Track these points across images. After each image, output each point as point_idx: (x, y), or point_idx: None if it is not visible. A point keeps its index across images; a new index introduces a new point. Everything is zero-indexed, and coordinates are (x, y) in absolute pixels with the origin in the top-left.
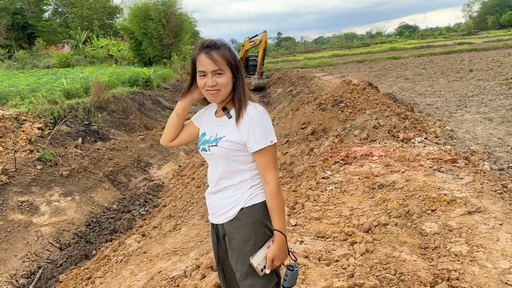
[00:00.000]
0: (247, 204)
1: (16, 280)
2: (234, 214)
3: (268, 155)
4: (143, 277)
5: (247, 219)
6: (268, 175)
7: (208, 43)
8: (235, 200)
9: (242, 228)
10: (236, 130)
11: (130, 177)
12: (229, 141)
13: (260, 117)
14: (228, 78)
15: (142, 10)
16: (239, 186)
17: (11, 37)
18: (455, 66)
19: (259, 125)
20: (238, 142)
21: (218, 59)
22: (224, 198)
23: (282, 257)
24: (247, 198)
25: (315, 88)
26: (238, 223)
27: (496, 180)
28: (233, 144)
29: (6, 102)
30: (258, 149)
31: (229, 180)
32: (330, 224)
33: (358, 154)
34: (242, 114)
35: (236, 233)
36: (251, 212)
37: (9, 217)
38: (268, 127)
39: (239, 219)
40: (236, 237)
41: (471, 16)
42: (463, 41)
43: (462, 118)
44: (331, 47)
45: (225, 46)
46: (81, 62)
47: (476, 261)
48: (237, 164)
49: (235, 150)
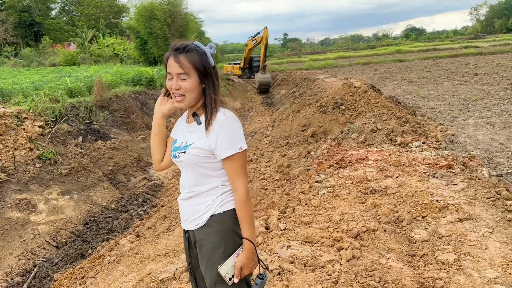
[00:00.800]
0: (218, 211)
1: (11, 278)
2: (205, 221)
3: (237, 162)
4: (132, 278)
5: (217, 226)
6: (237, 182)
7: (178, 46)
8: (205, 207)
9: (212, 235)
10: (205, 137)
11: (129, 177)
12: (197, 148)
13: (228, 124)
14: (193, 83)
15: (147, 9)
16: (210, 193)
17: (18, 34)
18: (460, 70)
19: (227, 132)
20: (207, 149)
21: (184, 63)
22: (195, 204)
23: (251, 266)
24: (218, 205)
25: (317, 90)
26: (208, 230)
27: (490, 187)
28: (201, 151)
29: (9, 100)
30: (227, 156)
31: (199, 187)
32: (319, 229)
33: (353, 158)
34: (211, 121)
35: (206, 240)
36: (222, 219)
37: (7, 215)
38: (237, 133)
39: (209, 226)
40: (206, 244)
41: (478, 19)
42: (470, 44)
43: (464, 123)
44: (337, 49)
45: (197, 51)
46: (87, 60)
47: (463, 270)
48: (207, 170)
49: (204, 157)
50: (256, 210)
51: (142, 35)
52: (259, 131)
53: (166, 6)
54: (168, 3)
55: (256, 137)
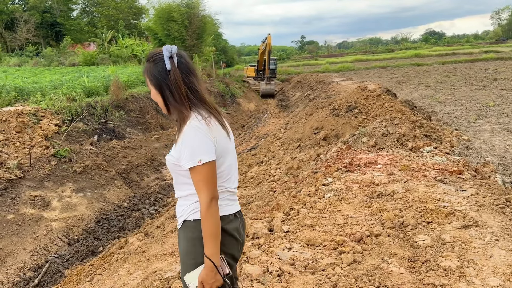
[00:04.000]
0: (189, 218)
1: (24, 273)
2: (180, 224)
3: (198, 175)
4: (138, 276)
5: (188, 232)
6: (199, 195)
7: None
8: (181, 210)
9: (184, 240)
10: (177, 144)
11: (142, 176)
12: (171, 156)
13: (189, 134)
14: (153, 92)
15: (165, 11)
16: (187, 198)
17: (40, 34)
18: (479, 75)
19: (188, 143)
20: (177, 157)
21: (144, 75)
22: (178, 206)
23: (211, 283)
24: (190, 212)
25: (331, 93)
26: (182, 233)
27: (500, 194)
28: (174, 159)
29: (27, 98)
30: (187, 168)
31: (178, 191)
32: (322, 232)
33: (362, 162)
34: (180, 128)
35: (181, 242)
36: (193, 226)
37: (21, 211)
38: (197, 145)
39: (183, 230)
40: (180, 246)
41: (499, 23)
42: (490, 49)
43: (480, 128)
44: (354, 52)
45: (150, 60)
46: (106, 61)
47: (465, 277)
48: (183, 177)
49: (176, 165)
50: (261, 212)
51: (160, 36)
52: (271, 133)
53: (184, 8)
54: (186, 5)
55: (268, 139)
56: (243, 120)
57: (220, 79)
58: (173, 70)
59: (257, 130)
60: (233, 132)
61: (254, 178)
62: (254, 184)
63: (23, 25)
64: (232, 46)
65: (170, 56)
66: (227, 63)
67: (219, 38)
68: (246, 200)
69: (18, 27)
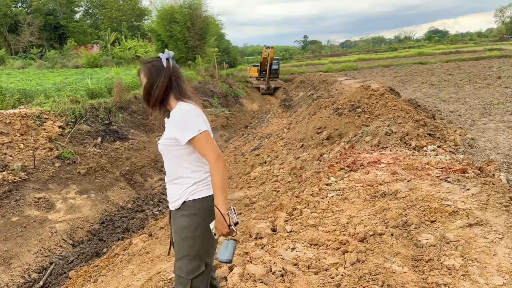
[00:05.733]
0: (189, 198)
1: (29, 274)
2: (179, 205)
3: (201, 141)
4: (142, 277)
5: (188, 210)
6: (207, 156)
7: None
8: (179, 193)
9: (183, 217)
10: (168, 127)
11: (146, 177)
12: (164, 138)
13: (182, 114)
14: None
15: (168, 13)
16: (182, 182)
17: (43, 37)
18: (483, 73)
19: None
20: (171, 137)
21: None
22: (172, 189)
23: (220, 228)
24: (189, 193)
25: (334, 92)
26: (181, 212)
27: (504, 192)
28: (168, 141)
29: (31, 101)
30: (188, 140)
31: (173, 174)
32: (325, 231)
33: (365, 161)
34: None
35: (178, 220)
36: (193, 205)
37: (25, 213)
38: (192, 119)
39: (182, 209)
40: (178, 224)
41: (503, 21)
42: (494, 47)
43: (484, 127)
44: (357, 51)
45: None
46: (109, 62)
47: (469, 276)
48: (176, 158)
49: (171, 145)
50: (264, 212)
51: (162, 37)
52: (274, 133)
53: (186, 9)
54: (188, 6)
55: (271, 139)
56: (246, 120)
57: (223, 79)
58: (167, 67)
59: (260, 130)
60: (236, 133)
61: (257, 178)
62: (258, 184)
63: (27, 27)
64: (235, 47)
65: (167, 58)
66: (230, 64)
67: (222, 39)
68: (249, 200)
69: (21, 30)
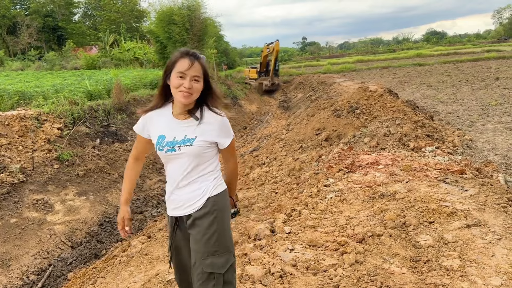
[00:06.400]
0: (213, 194)
1: (27, 276)
2: (202, 204)
3: (233, 144)
4: (140, 279)
5: (212, 206)
6: (233, 158)
7: (193, 52)
8: (201, 192)
9: (208, 215)
10: (209, 131)
11: (145, 179)
12: (203, 140)
13: (225, 120)
14: (201, 86)
15: (166, 14)
16: (203, 179)
17: (42, 39)
18: (481, 74)
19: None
20: (211, 141)
21: (198, 68)
22: (192, 191)
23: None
24: (212, 188)
25: (333, 93)
26: (204, 210)
27: (502, 193)
28: (206, 143)
29: (30, 102)
30: (227, 145)
31: (195, 174)
32: (324, 233)
33: (364, 162)
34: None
35: (201, 219)
36: (215, 200)
37: (24, 215)
38: (229, 125)
39: (205, 207)
40: (202, 223)
41: (501, 23)
42: (492, 48)
43: (483, 128)
44: (356, 53)
45: (204, 60)
46: (108, 64)
47: (467, 277)
48: (204, 159)
49: (206, 147)
50: (263, 213)
51: (161, 39)
52: (273, 135)
53: (185, 11)
54: (187, 8)
55: (270, 141)
56: (245, 121)
57: (222, 81)
58: None
59: (259, 131)
60: (235, 134)
61: (256, 180)
62: (256, 186)
63: (25, 29)
64: (234, 48)
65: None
66: (228, 65)
67: (221, 40)
68: (248, 202)
69: (20, 32)
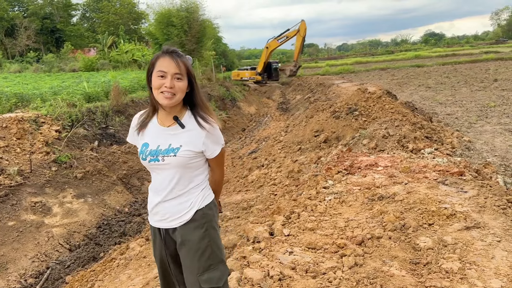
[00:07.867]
0: (201, 206)
1: (25, 279)
2: (190, 217)
3: (223, 154)
4: (139, 281)
5: (200, 219)
6: (221, 168)
7: (173, 49)
8: (189, 205)
9: (197, 229)
10: (195, 139)
11: (143, 181)
12: (188, 150)
13: (215, 128)
14: (185, 84)
15: (165, 16)
16: (192, 191)
17: (40, 41)
18: (480, 76)
19: (215, 135)
20: (197, 151)
21: (181, 65)
22: (179, 203)
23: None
24: (200, 200)
25: (332, 95)
26: (193, 224)
27: (501, 195)
28: (191, 153)
29: (28, 105)
30: (216, 155)
31: (182, 187)
32: (323, 235)
33: (363, 164)
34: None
35: (192, 234)
36: (204, 212)
37: (22, 217)
38: (220, 133)
39: (194, 220)
40: (192, 238)
41: (499, 24)
42: (490, 50)
43: (481, 129)
44: (354, 54)
45: (187, 58)
46: (106, 66)
47: (467, 279)
48: (191, 170)
49: (192, 157)
50: (262, 216)
51: (160, 41)
52: (272, 137)
53: (183, 13)
54: (185, 10)
55: (269, 143)
56: (244, 123)
57: (220, 82)
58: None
59: (257, 133)
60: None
61: (255, 182)
62: (255, 188)
63: (23, 31)
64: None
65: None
66: (227, 67)
67: (219, 42)
68: (247, 204)
69: (18, 34)
